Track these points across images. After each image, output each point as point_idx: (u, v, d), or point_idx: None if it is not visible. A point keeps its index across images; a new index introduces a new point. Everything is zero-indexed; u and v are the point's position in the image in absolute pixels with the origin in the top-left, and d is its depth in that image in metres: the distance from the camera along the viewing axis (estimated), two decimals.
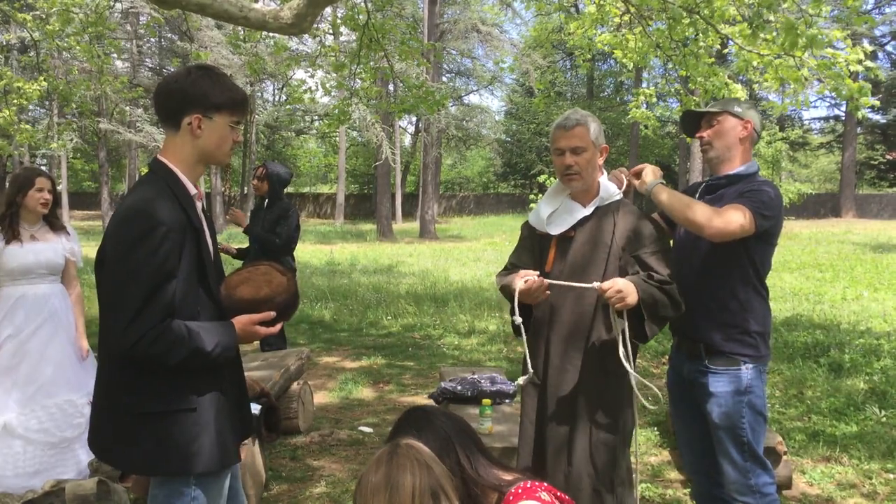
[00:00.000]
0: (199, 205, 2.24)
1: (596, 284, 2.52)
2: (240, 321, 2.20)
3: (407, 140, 46.18)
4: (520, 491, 1.88)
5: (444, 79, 36.33)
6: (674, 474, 4.39)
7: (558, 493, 1.96)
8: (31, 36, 10.22)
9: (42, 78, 10.53)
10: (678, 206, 2.71)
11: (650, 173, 2.87)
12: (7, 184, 4.10)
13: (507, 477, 1.97)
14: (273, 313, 2.25)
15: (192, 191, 2.20)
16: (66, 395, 4.02)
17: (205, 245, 2.19)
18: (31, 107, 24.78)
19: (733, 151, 2.88)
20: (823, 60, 5.58)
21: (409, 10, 30.89)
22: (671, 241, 3.01)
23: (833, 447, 4.75)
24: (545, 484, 1.95)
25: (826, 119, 43.72)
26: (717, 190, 2.89)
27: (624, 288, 2.46)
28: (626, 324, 2.56)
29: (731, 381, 2.77)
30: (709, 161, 2.94)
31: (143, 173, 2.32)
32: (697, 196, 2.92)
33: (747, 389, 2.76)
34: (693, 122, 3.03)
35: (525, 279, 2.56)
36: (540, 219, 2.85)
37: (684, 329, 2.91)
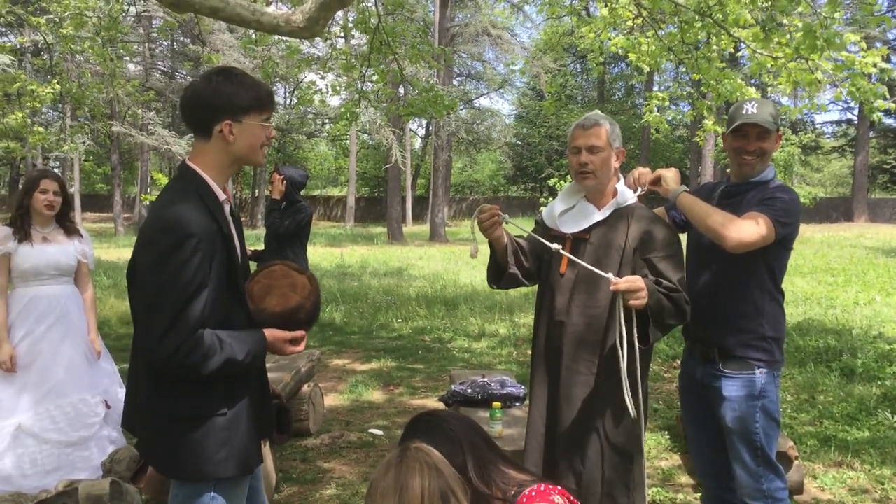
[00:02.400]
0: (227, 207, 2.23)
1: (612, 276, 2.47)
2: (273, 335, 2.22)
3: (417, 143, 46.24)
4: (533, 494, 1.88)
5: (455, 82, 36.37)
6: (685, 478, 4.37)
7: (571, 498, 1.95)
8: (44, 39, 10.32)
9: (55, 81, 10.62)
10: (700, 215, 2.67)
11: (672, 179, 2.82)
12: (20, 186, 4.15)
13: (522, 478, 1.96)
14: (303, 332, 2.28)
15: (221, 196, 2.18)
16: (80, 394, 4.05)
17: (234, 251, 2.19)
18: (44, 109, 24.96)
19: (768, 162, 2.87)
20: (838, 63, 5.55)
21: (420, 14, 30.93)
22: (686, 244, 2.98)
23: (845, 452, 4.71)
24: (559, 487, 1.94)
25: (838, 123, 43.48)
26: (735, 195, 2.85)
27: (644, 287, 2.44)
28: (634, 324, 2.52)
29: (745, 385, 2.75)
30: (745, 174, 2.83)
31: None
32: (716, 200, 2.87)
33: (761, 394, 2.74)
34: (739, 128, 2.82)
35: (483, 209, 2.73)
36: (552, 215, 2.84)
37: (698, 333, 2.89)
